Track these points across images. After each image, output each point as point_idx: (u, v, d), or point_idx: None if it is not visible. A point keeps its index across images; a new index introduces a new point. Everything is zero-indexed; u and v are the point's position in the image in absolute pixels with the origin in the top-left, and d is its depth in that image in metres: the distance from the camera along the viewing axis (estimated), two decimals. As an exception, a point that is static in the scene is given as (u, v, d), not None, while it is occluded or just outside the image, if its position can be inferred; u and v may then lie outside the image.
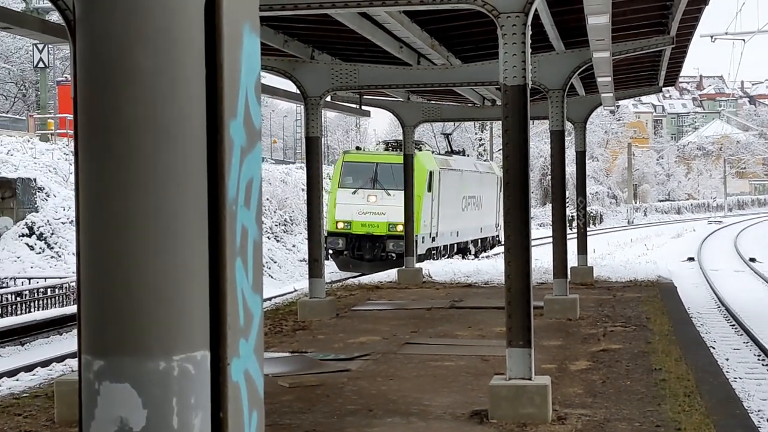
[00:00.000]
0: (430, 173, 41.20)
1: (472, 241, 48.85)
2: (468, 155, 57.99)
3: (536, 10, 14.08)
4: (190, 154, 2.21)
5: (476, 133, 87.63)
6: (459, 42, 21.20)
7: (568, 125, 25.75)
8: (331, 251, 41.01)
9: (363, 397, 12.10)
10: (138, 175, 2.17)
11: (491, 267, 31.10)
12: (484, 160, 60.98)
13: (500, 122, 12.35)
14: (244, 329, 2.35)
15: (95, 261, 2.20)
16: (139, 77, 2.17)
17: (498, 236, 55.46)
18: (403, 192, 38.23)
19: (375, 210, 40.25)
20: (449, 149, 50.05)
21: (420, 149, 41.94)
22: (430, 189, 41.12)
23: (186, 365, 2.17)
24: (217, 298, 2.26)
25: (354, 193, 40.35)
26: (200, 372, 2.20)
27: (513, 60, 11.50)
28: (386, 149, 43.31)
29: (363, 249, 40.48)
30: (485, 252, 50.84)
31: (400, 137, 49.90)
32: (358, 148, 47.23)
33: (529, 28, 11.62)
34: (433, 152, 44.85)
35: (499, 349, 13.41)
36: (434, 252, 42.11)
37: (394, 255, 39.54)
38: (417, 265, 28.85)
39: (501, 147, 11.31)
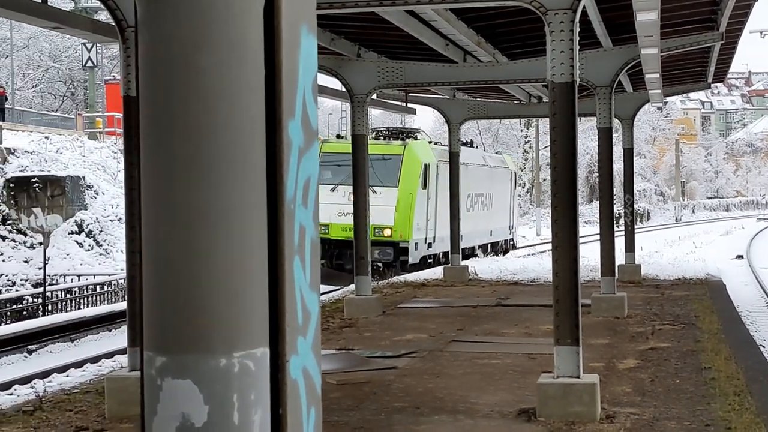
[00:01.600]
0: (425, 166, 35.27)
1: (480, 247, 42.38)
2: (476, 146, 50.00)
3: (584, 7, 14.02)
4: (250, 154, 2.24)
5: (522, 130, 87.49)
6: (505, 39, 21.15)
7: (616, 122, 25.63)
8: None
9: (410, 395, 12.12)
10: (199, 173, 2.20)
11: (537, 264, 31.02)
12: (496, 153, 53.46)
13: (546, 119, 12.32)
14: (302, 327, 2.38)
15: (157, 258, 2.23)
16: (200, 78, 2.21)
17: (513, 240, 49.05)
18: (395, 189, 33.83)
19: None
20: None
21: (415, 138, 37.06)
22: (425, 185, 35.24)
23: (246, 362, 2.20)
24: (276, 296, 2.29)
25: (333, 190, 33.41)
26: (260, 369, 2.23)
27: (561, 57, 11.46)
28: (377, 138, 36.57)
29: (343, 257, 33.32)
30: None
31: (404, 125, 47.24)
32: (339, 136, 40.34)
33: (577, 25, 11.58)
34: (431, 142, 39.12)
35: (546, 347, 13.39)
36: (431, 260, 36.17)
37: (380, 265, 33.27)
38: (462, 263, 28.82)
39: (547, 144, 11.26)
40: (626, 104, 27.87)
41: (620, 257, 24.86)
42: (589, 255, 29.72)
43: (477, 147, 49.63)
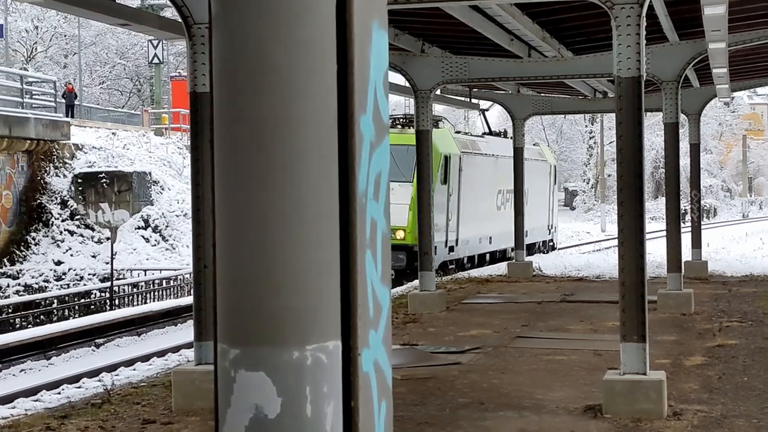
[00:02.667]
0: (445, 158, 31.30)
1: (513, 249, 34.71)
2: (511, 137, 43.47)
3: (650, 0, 13.90)
4: (323, 149, 2.26)
5: (586, 126, 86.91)
6: (571, 34, 21.02)
7: (682, 117, 25.38)
8: None
9: (475, 390, 12.11)
10: (273, 168, 2.22)
11: (602, 261, 30.85)
12: (534, 144, 46.59)
13: (611, 114, 12.23)
14: (374, 320, 2.39)
15: (230, 252, 2.26)
16: (274, 74, 2.23)
17: (552, 241, 44.16)
18: (409, 185, 28.47)
19: None
20: (486, 129, 38.48)
21: (436, 125, 31.83)
22: (445, 180, 31.43)
23: (319, 355, 2.22)
24: (347, 289, 2.30)
25: None
26: (332, 362, 2.25)
27: (627, 51, 11.37)
28: (393, 125, 32.07)
29: None
30: None
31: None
32: None
33: (644, 19, 11.48)
34: (459, 132, 35.22)
35: (612, 343, 13.30)
36: (452, 266, 31.84)
37: (392, 273, 29.01)
38: (526, 259, 28.70)
39: (612, 140, 11.17)
40: (693, 99, 27.56)
41: (686, 253, 24.61)
42: (655, 251, 29.45)
43: (511, 138, 43.77)
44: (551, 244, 44.20)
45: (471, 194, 33.48)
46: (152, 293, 31.74)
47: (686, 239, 23.93)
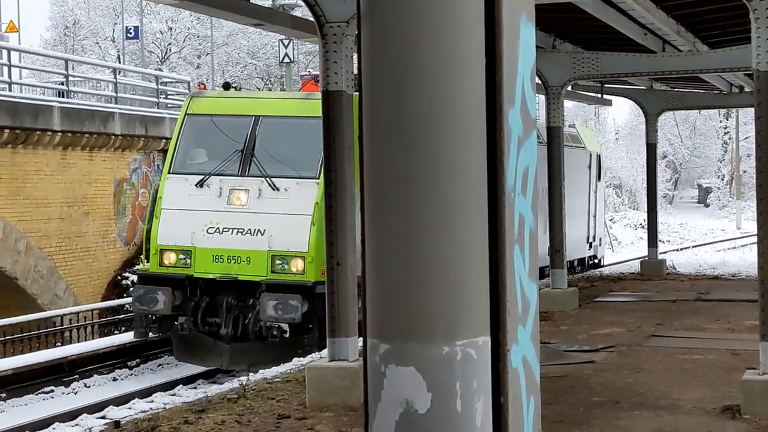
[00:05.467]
0: None
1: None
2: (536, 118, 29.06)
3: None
4: (471, 144, 2.25)
5: (721, 121, 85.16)
6: (706, 27, 20.59)
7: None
8: (146, 316, 19.65)
9: (609, 390, 11.95)
10: (422, 164, 2.22)
11: (738, 258, 30.19)
12: (569, 125, 32.67)
13: (747, 109, 11.92)
14: (522, 316, 2.38)
15: (380, 248, 2.26)
16: (423, 70, 2.23)
17: (596, 256, 33.51)
18: (314, 183, 18.46)
19: (244, 224, 18.80)
20: None
21: None
22: None
23: (468, 350, 2.21)
24: (496, 285, 2.29)
25: (200, 186, 19.24)
26: (482, 357, 2.24)
27: (766, 44, 11.08)
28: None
29: (218, 311, 18.70)
30: None
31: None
32: (225, 86, 21.39)
33: (784, 10, 11.17)
34: None
35: (750, 343, 12.99)
36: None
37: (282, 326, 18.37)
38: (660, 256, 28.23)
39: (747, 135, 10.88)
40: (834, 92, 26.70)
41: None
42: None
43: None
44: (595, 261, 33.36)
45: None
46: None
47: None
